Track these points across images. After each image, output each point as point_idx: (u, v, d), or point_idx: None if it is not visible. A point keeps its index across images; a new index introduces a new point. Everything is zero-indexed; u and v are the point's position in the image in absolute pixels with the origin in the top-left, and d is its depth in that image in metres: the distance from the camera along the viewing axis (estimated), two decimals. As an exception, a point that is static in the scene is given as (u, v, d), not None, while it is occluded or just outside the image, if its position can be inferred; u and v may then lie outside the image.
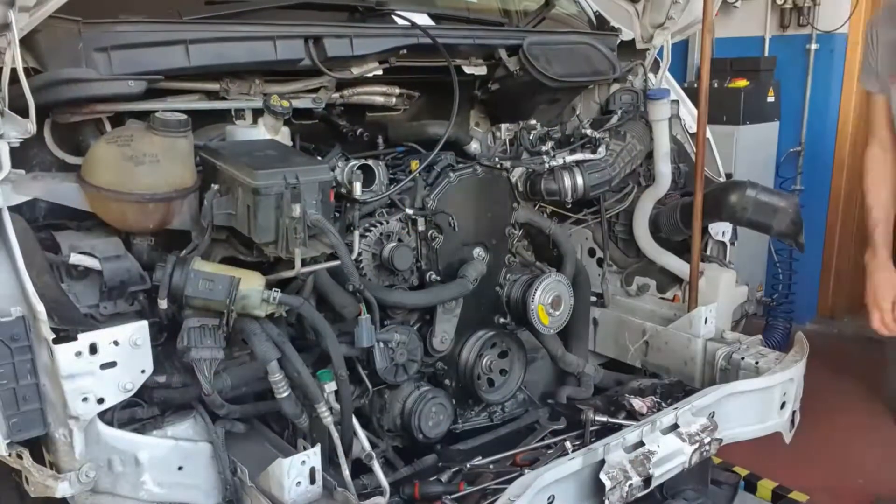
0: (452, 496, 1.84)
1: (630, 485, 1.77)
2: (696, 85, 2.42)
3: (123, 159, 1.52)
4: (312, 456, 1.58)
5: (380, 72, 2.03)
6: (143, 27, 1.65)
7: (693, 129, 2.53)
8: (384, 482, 1.71)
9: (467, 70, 2.20)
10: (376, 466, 1.72)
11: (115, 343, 1.45)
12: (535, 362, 2.38)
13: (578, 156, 2.24)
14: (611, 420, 2.08)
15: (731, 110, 3.97)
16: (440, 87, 2.15)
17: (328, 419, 1.67)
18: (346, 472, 1.68)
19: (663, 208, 2.46)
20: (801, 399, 2.15)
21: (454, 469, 1.95)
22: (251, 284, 1.57)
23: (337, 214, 1.84)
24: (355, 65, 1.97)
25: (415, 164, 2.03)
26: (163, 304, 1.54)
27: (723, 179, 2.51)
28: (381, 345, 1.84)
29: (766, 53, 4.39)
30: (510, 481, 1.72)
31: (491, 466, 1.99)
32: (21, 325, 1.39)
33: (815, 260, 4.40)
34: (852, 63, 4.19)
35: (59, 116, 1.63)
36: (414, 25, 2.03)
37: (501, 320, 2.25)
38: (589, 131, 2.28)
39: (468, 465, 1.98)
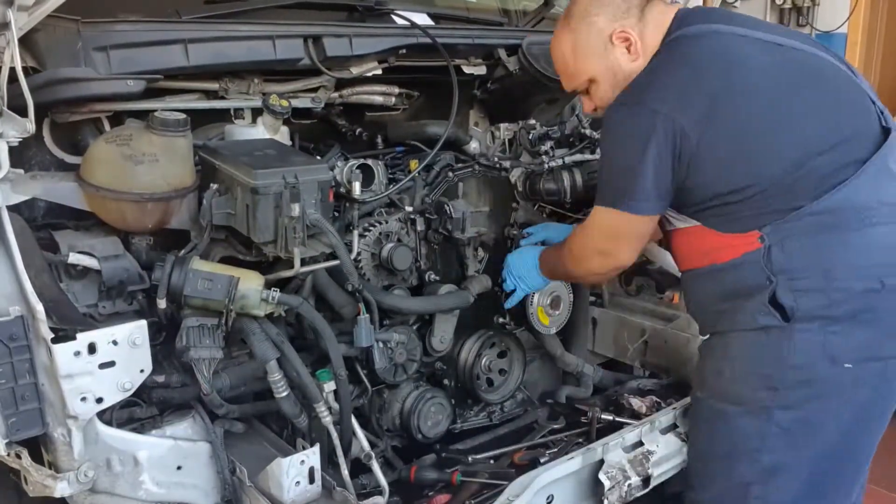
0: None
1: (629, 484, 1.77)
2: (695, 85, 2.41)
3: (122, 159, 1.52)
4: (311, 455, 1.58)
5: (379, 71, 2.02)
6: (142, 26, 1.65)
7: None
8: (383, 482, 1.70)
9: (466, 70, 2.20)
10: (375, 466, 1.72)
11: (114, 342, 1.45)
12: (533, 362, 2.38)
13: (578, 156, 2.23)
14: (617, 419, 2.09)
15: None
16: (439, 86, 2.15)
17: (327, 419, 1.66)
18: (346, 472, 1.68)
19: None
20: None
21: (453, 469, 1.96)
22: (250, 284, 1.57)
23: (336, 214, 1.84)
24: (354, 64, 1.97)
25: (414, 164, 2.03)
26: (161, 303, 1.54)
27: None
28: (381, 345, 1.84)
29: (766, 53, 4.40)
30: (505, 476, 1.73)
31: (492, 462, 2.00)
32: (20, 324, 1.38)
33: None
34: (851, 62, 4.20)
35: (58, 116, 1.62)
36: (414, 25, 2.03)
37: (500, 320, 2.25)
38: (588, 131, 2.28)
39: (470, 459, 1.99)
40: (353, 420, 1.73)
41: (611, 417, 2.11)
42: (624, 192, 1.63)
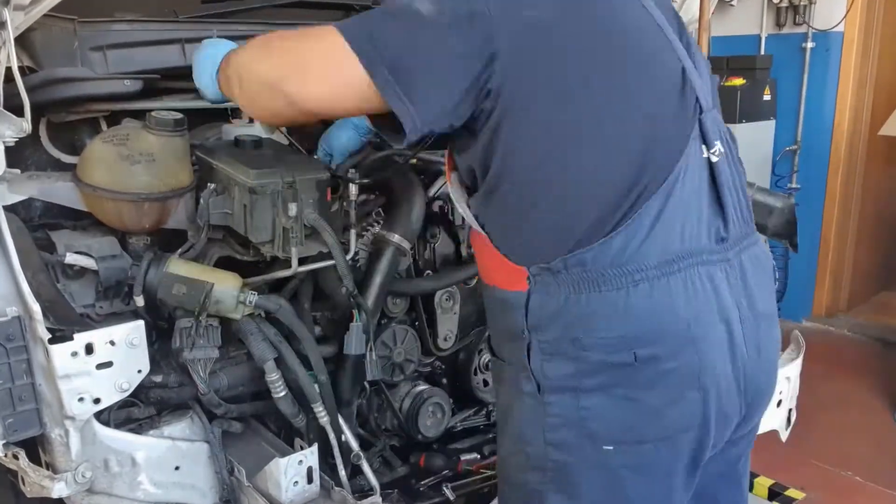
0: (452, 484, 1.85)
1: (627, 483, 1.77)
2: (692, 83, 2.41)
3: (119, 158, 1.52)
4: (309, 455, 1.58)
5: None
6: (139, 26, 1.65)
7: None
8: (374, 482, 1.71)
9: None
10: (366, 466, 1.72)
11: (112, 343, 1.44)
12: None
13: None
14: None
15: (727, 109, 3.97)
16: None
17: (325, 419, 1.66)
18: (343, 472, 1.68)
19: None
20: (797, 397, 2.15)
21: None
22: (226, 287, 1.55)
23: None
24: (352, 63, 1.97)
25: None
26: (139, 300, 1.54)
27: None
28: (374, 356, 1.70)
29: (763, 52, 4.41)
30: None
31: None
32: (17, 325, 1.38)
33: (810, 258, 4.42)
34: (848, 61, 4.20)
35: (55, 115, 1.62)
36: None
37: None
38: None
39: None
40: (342, 421, 1.73)
41: None
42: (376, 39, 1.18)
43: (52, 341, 1.38)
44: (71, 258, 1.52)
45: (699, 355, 1.21)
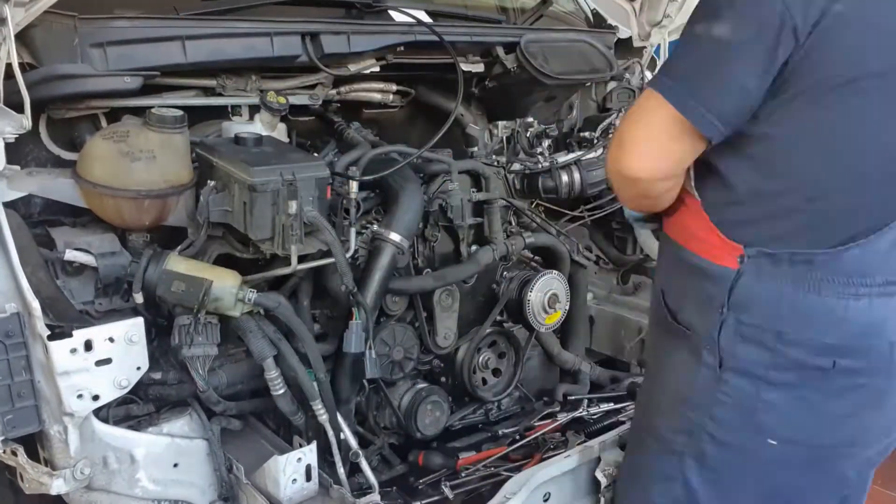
0: (451, 482, 1.86)
1: (625, 483, 1.77)
2: (693, 83, 2.41)
3: (119, 155, 1.52)
4: (308, 453, 1.58)
5: (377, 69, 2.02)
6: (140, 23, 1.65)
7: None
8: (372, 479, 1.71)
9: (465, 67, 2.19)
10: (364, 464, 1.72)
11: (111, 340, 1.45)
12: (531, 360, 2.38)
13: (573, 156, 2.24)
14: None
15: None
16: (436, 84, 2.15)
17: (323, 416, 1.66)
18: (342, 470, 1.68)
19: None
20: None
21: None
22: (225, 284, 1.55)
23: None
24: (352, 62, 1.97)
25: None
26: (138, 297, 1.54)
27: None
28: (373, 354, 1.72)
29: (763, 52, 4.40)
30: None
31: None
32: (16, 321, 1.38)
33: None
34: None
35: (55, 112, 1.62)
36: (420, 23, 2.02)
37: (497, 318, 2.25)
38: (587, 134, 2.29)
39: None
40: (341, 420, 1.73)
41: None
42: (683, 77, 1.21)
43: (51, 338, 1.38)
44: (70, 255, 1.52)
45: (892, 378, 1.24)
